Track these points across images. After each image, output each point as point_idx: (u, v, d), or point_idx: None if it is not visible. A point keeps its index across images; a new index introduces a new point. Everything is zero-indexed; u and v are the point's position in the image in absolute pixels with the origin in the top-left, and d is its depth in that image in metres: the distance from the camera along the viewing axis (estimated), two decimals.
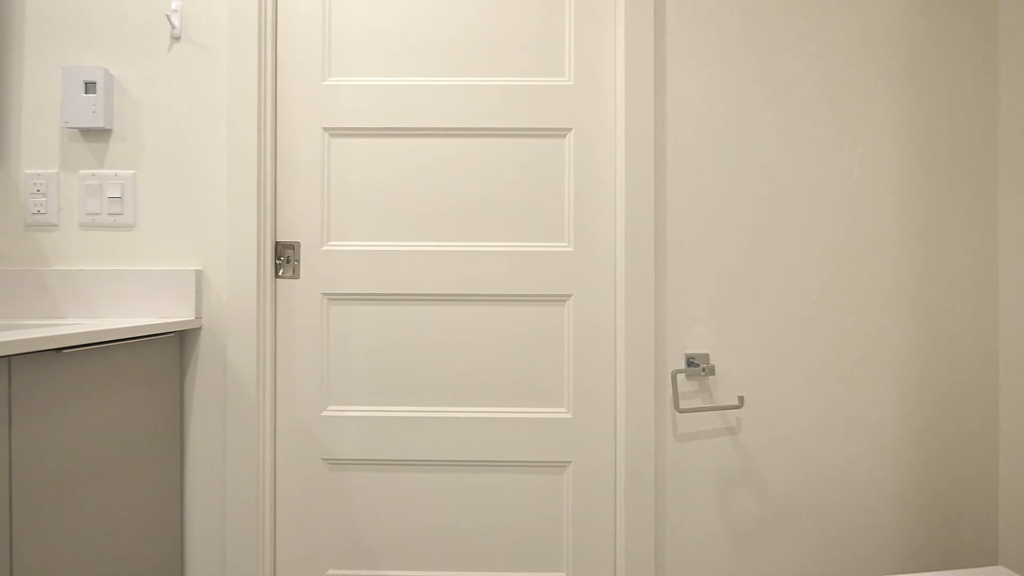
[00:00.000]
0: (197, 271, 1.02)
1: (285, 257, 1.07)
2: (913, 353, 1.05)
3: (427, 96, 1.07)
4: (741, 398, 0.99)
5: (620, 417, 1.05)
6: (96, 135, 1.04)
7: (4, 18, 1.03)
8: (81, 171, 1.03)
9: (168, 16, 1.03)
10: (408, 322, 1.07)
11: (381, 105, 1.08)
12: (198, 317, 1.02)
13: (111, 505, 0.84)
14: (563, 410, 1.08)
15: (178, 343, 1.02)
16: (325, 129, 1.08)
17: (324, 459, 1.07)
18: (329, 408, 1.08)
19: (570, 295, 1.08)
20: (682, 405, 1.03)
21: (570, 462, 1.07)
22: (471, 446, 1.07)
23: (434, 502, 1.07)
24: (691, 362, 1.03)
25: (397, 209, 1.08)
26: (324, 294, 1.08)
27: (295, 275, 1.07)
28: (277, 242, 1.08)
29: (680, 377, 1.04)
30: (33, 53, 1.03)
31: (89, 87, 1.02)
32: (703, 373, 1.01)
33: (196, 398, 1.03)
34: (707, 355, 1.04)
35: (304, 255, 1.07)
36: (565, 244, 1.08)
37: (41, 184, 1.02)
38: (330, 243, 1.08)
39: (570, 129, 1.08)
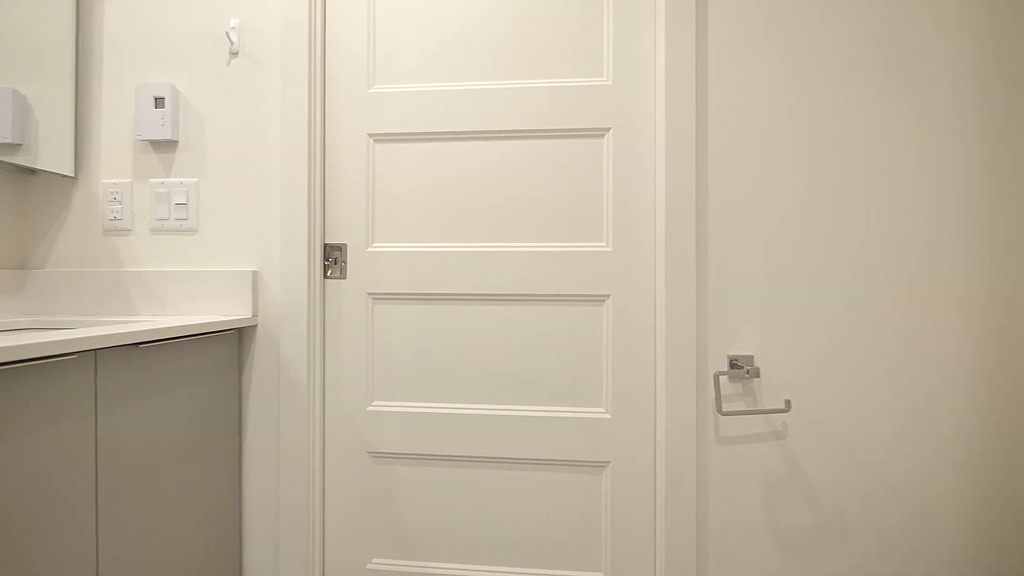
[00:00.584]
0: (254, 272, 1.08)
1: (333, 258, 1.13)
2: (983, 357, 0.98)
3: (466, 100, 1.10)
4: (788, 402, 0.96)
5: (660, 418, 1.03)
6: (164, 146, 1.12)
7: (86, 44, 1.13)
8: (151, 180, 1.12)
9: (227, 33, 1.11)
10: (449, 321, 1.10)
11: (422, 111, 1.11)
12: (254, 315, 1.08)
13: (180, 486, 0.91)
14: (602, 410, 1.07)
15: (237, 339, 1.09)
16: (370, 135, 1.12)
17: (369, 452, 1.11)
18: (374, 403, 1.12)
19: (609, 295, 1.07)
20: (725, 408, 1.01)
21: (608, 462, 1.07)
22: (511, 444, 1.08)
23: (474, 497, 1.09)
24: (734, 364, 1.00)
25: (439, 211, 1.11)
26: (369, 294, 1.12)
27: (342, 275, 1.12)
28: (325, 244, 1.13)
29: (723, 379, 1.01)
30: (111, 74, 1.13)
31: (158, 102, 1.10)
32: (747, 375, 0.98)
33: (252, 390, 1.10)
34: (751, 357, 1.01)
35: (351, 256, 1.12)
36: (604, 244, 1.08)
37: (117, 193, 1.12)
38: (375, 245, 1.12)
39: (609, 129, 1.07)
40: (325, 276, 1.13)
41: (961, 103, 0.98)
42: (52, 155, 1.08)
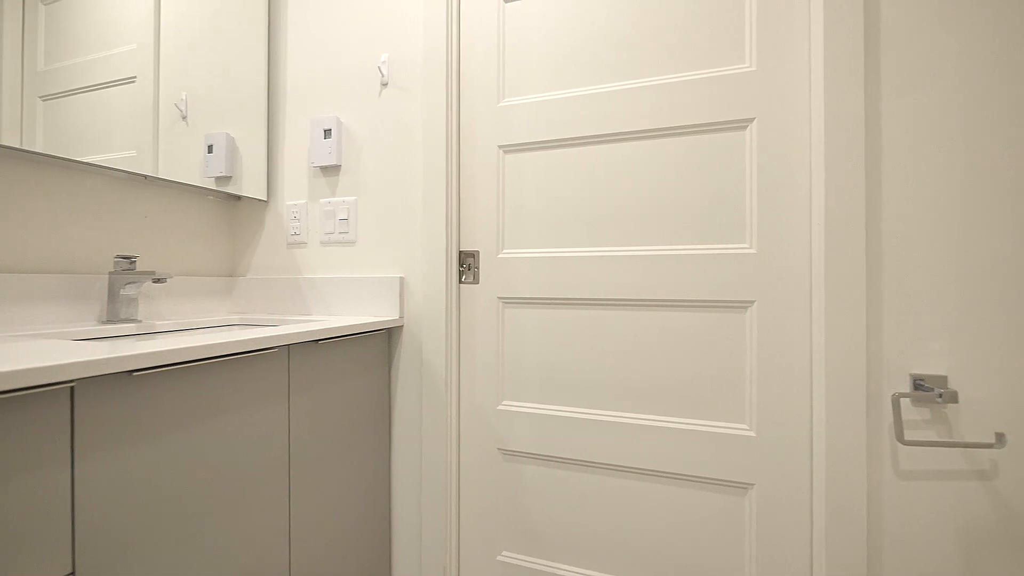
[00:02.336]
0: (400, 278, 1.21)
1: (467, 264, 1.21)
2: None
3: (590, 104, 1.09)
4: (1001, 436, 0.78)
5: (818, 443, 0.91)
6: (330, 170, 1.31)
7: (274, 90, 1.37)
8: (321, 200, 1.32)
9: (379, 67, 1.25)
10: (577, 325, 1.11)
11: (548, 119, 1.13)
12: (401, 316, 1.21)
13: (345, 462, 1.05)
14: (744, 427, 0.99)
15: (387, 338, 1.23)
16: (500, 147, 1.18)
17: (499, 449, 1.17)
18: (504, 403, 1.17)
19: (752, 301, 0.98)
20: (908, 436, 0.86)
21: (753, 484, 0.97)
22: (640, 454, 1.05)
23: (600, 504, 1.08)
24: (920, 384, 0.84)
25: (566, 216, 1.12)
26: (499, 298, 1.18)
27: (475, 281, 1.20)
28: (460, 251, 1.21)
29: (904, 402, 0.86)
30: (291, 112, 1.35)
31: (327, 133, 1.29)
32: (939, 400, 0.82)
33: (399, 384, 1.22)
34: (944, 377, 0.84)
35: (483, 262, 1.19)
36: (747, 245, 0.99)
37: (297, 212, 1.34)
38: (505, 251, 1.18)
39: (752, 119, 0.98)
40: (460, 281, 1.21)
41: None
42: (251, 184, 1.33)
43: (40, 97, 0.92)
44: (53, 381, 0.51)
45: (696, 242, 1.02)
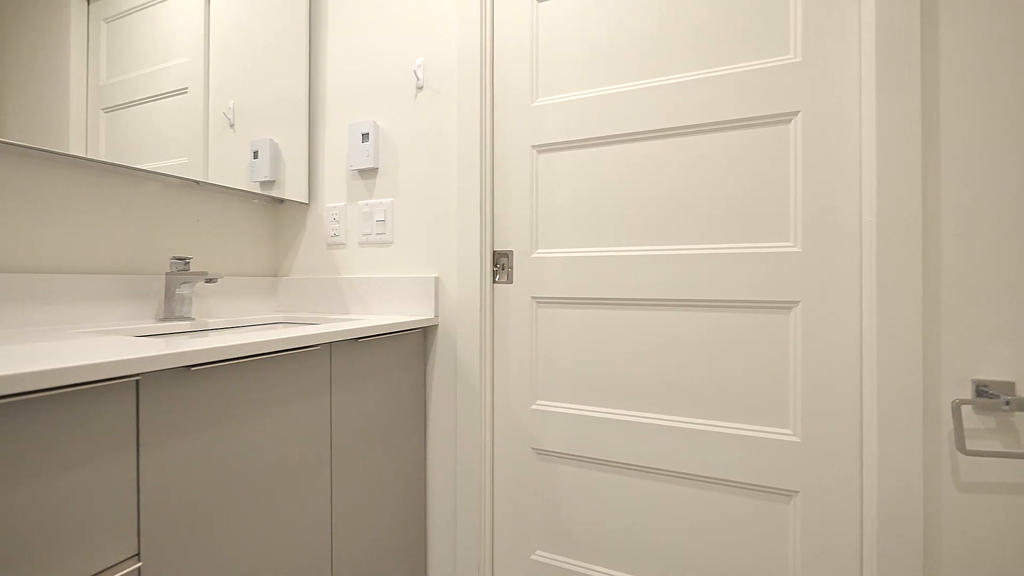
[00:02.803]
0: (435, 278, 1.23)
1: (501, 264, 1.21)
2: None
3: (628, 101, 1.08)
4: None
5: (869, 450, 0.87)
6: (368, 173, 1.35)
7: (315, 96, 1.42)
8: (359, 202, 1.35)
9: (415, 71, 1.28)
10: (612, 325, 1.10)
11: (581, 118, 1.12)
12: (436, 316, 1.23)
13: (382, 457, 1.08)
14: (788, 431, 0.95)
15: (423, 337, 1.25)
16: (533, 147, 1.18)
17: (533, 448, 1.17)
18: (537, 402, 1.17)
19: (797, 302, 0.94)
20: (970, 446, 0.80)
21: (797, 492, 0.94)
22: (676, 457, 1.03)
23: (636, 507, 1.07)
24: (984, 391, 0.79)
25: (602, 215, 1.11)
26: (533, 297, 1.18)
27: (509, 280, 1.21)
28: (494, 251, 1.22)
29: (966, 409, 0.81)
30: (331, 117, 1.40)
31: (364, 137, 1.32)
32: (1006, 407, 0.77)
33: (435, 382, 1.24)
34: (1011, 384, 0.79)
35: (516, 262, 1.20)
36: (790, 244, 0.95)
37: (336, 214, 1.38)
38: (538, 251, 1.18)
39: (796, 113, 0.95)
40: (494, 281, 1.22)
41: None
42: (294, 187, 1.38)
43: (103, 109, 0.99)
44: (121, 375, 0.55)
45: (737, 240, 0.99)
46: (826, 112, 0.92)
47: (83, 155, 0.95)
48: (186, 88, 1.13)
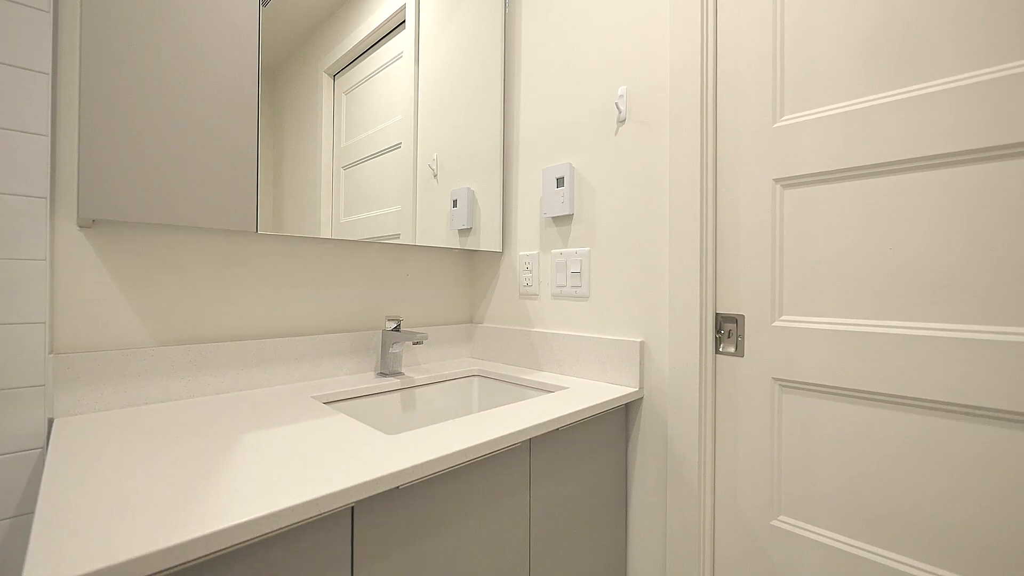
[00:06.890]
0: (641, 342, 1.05)
1: (726, 331, 0.97)
2: None
3: (924, 110, 0.72)
4: None
5: None
6: (562, 220, 1.24)
7: (508, 144, 1.39)
8: (552, 251, 1.26)
9: (616, 103, 1.12)
10: (900, 436, 0.75)
11: (849, 139, 0.81)
12: (641, 388, 1.05)
13: (582, 547, 0.95)
14: None
15: (624, 412, 1.08)
16: (776, 180, 0.91)
17: None
18: (780, 518, 0.89)
19: None
20: None
21: None
22: None
23: None
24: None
25: (881, 276, 0.78)
26: (775, 379, 0.90)
27: (738, 352, 0.95)
28: (717, 314, 0.98)
29: None
30: (523, 164, 1.35)
31: (559, 182, 1.23)
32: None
33: (637, 465, 1.06)
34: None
35: (749, 330, 0.93)
36: None
37: (529, 263, 1.32)
38: (783, 318, 0.90)
39: None
40: (717, 351, 0.98)
41: None
42: (489, 235, 1.37)
43: (342, 167, 1.09)
44: (339, 506, 0.52)
45: None
46: None
47: (330, 236, 1.06)
48: (400, 143, 1.20)
